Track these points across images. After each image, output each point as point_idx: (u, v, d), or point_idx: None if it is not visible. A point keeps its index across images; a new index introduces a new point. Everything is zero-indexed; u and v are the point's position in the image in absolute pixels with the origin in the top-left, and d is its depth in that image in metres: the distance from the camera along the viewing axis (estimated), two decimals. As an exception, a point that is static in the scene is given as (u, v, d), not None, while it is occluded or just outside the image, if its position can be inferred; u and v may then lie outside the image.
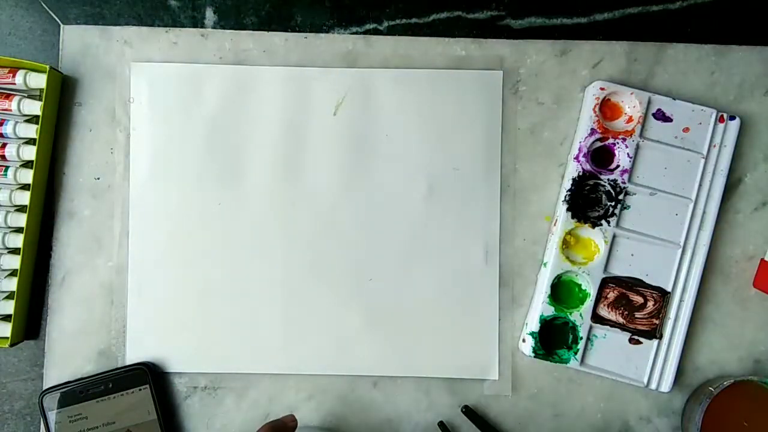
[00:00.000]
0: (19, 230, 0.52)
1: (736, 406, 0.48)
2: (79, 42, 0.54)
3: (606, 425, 0.53)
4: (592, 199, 0.52)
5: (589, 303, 0.51)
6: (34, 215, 0.52)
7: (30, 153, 0.51)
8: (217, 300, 0.53)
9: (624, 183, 0.51)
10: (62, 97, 0.54)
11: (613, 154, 0.52)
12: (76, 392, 0.51)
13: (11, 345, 0.51)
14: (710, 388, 0.49)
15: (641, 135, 0.52)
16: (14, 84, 0.51)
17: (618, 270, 0.52)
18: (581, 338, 0.51)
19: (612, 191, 0.52)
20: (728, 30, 0.54)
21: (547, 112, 0.54)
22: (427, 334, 0.53)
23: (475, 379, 0.53)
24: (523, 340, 0.52)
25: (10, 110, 0.51)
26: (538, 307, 0.52)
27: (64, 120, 0.54)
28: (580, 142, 0.52)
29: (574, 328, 0.52)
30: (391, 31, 0.54)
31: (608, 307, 0.52)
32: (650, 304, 0.52)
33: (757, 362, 0.53)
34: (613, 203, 0.51)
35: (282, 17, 0.54)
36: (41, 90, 0.51)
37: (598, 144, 0.52)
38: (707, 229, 0.52)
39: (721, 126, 0.52)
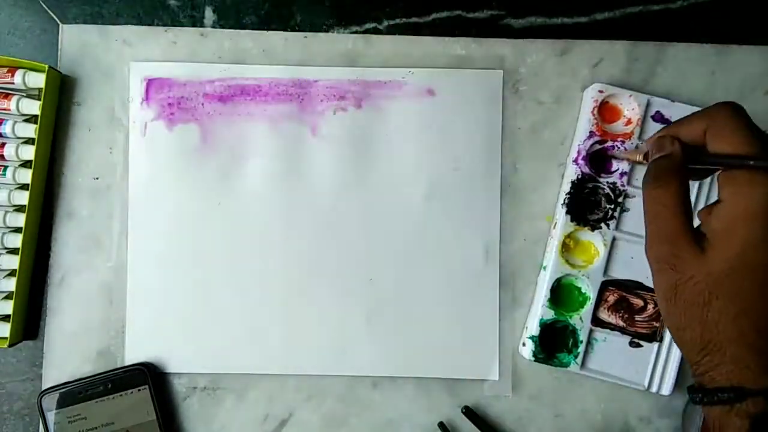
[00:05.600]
0: (17, 230, 0.52)
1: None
2: (78, 41, 0.54)
3: (606, 426, 0.53)
4: (592, 202, 0.52)
5: (589, 306, 0.51)
6: (33, 215, 0.52)
7: (29, 153, 0.51)
8: (216, 300, 0.53)
9: (623, 186, 0.51)
10: (61, 97, 0.53)
11: (613, 157, 0.52)
12: (75, 392, 0.51)
13: (10, 345, 0.51)
14: (710, 389, 0.49)
15: (640, 137, 0.51)
16: (13, 83, 0.51)
17: (618, 273, 0.52)
18: (581, 342, 0.51)
19: (611, 194, 0.51)
20: (728, 30, 0.54)
21: (548, 111, 0.54)
22: (427, 334, 0.53)
23: (476, 379, 0.53)
24: (523, 344, 0.52)
25: (9, 110, 0.51)
26: (538, 310, 0.51)
27: (63, 120, 0.53)
28: (579, 145, 0.52)
29: (574, 332, 0.51)
30: (391, 31, 0.54)
31: (608, 311, 0.52)
32: (650, 307, 0.51)
33: (756, 363, 0.53)
34: (612, 206, 0.51)
35: (281, 17, 0.54)
36: (40, 89, 0.51)
37: (597, 147, 0.52)
38: (707, 231, 0.52)
39: (721, 128, 0.52)
